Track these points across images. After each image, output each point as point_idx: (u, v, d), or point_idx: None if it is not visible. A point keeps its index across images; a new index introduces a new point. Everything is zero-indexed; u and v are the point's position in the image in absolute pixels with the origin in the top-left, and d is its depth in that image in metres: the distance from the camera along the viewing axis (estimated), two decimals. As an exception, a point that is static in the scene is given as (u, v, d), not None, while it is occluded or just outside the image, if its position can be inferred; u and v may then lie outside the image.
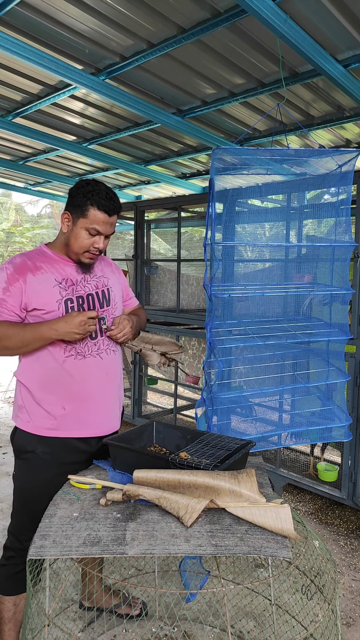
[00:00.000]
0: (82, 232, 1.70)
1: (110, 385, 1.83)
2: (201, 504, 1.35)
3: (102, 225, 1.70)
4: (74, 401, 1.73)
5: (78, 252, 1.73)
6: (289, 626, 2.04)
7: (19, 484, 1.80)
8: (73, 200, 1.72)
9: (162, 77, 2.58)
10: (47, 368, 1.71)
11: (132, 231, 5.02)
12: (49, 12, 2.05)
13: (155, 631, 2.09)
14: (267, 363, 2.67)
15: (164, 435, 1.93)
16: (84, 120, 3.28)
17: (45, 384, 1.71)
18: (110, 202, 1.70)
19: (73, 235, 1.71)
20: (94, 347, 1.76)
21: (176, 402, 4.31)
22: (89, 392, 1.75)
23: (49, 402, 1.72)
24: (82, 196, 1.69)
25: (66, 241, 1.75)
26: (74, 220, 1.71)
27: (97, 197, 1.67)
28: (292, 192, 3.15)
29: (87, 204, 1.68)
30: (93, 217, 1.68)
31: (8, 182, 5.33)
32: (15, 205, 17.17)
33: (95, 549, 1.25)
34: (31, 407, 1.73)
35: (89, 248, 1.73)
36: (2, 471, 3.89)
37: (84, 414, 1.76)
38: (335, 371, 2.55)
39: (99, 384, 1.78)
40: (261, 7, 1.75)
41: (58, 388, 1.71)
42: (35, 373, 1.72)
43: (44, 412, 1.72)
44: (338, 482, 3.18)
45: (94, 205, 1.67)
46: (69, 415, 1.73)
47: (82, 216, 1.69)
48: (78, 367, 1.73)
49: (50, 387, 1.71)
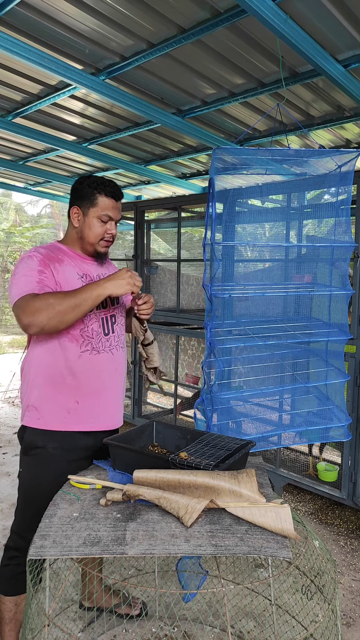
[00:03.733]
0: (95, 221, 1.78)
1: (119, 380, 1.89)
2: (201, 504, 1.35)
3: (112, 211, 1.79)
4: (87, 395, 1.77)
5: (94, 242, 1.81)
6: (289, 626, 2.04)
7: (25, 481, 1.81)
8: (79, 193, 1.80)
9: (162, 77, 2.58)
10: (62, 364, 1.74)
11: (132, 231, 5.02)
12: (49, 12, 2.05)
13: (155, 631, 2.09)
14: (267, 363, 2.67)
15: (164, 435, 1.93)
16: (84, 120, 3.28)
17: (59, 379, 1.74)
18: (115, 188, 1.81)
19: (86, 226, 1.79)
20: (106, 342, 1.81)
21: (176, 402, 4.31)
22: (102, 386, 1.80)
23: (62, 397, 1.74)
24: (89, 187, 1.78)
25: (80, 234, 1.81)
26: (85, 212, 1.79)
27: (102, 185, 1.78)
28: (292, 192, 3.15)
29: (95, 193, 1.77)
30: (103, 204, 1.77)
31: (8, 182, 5.33)
32: (15, 205, 17.16)
33: (95, 549, 1.25)
34: (41, 404, 1.75)
35: (104, 235, 1.81)
36: (2, 471, 3.89)
37: (96, 407, 1.80)
38: (335, 371, 2.55)
39: (111, 379, 1.84)
40: (261, 7, 1.75)
41: (72, 382, 1.75)
42: (48, 369, 1.74)
43: (56, 407, 1.74)
44: (338, 482, 3.18)
45: (101, 193, 1.77)
46: (81, 409, 1.76)
47: (92, 206, 1.77)
48: (93, 362, 1.77)
49: (64, 382, 1.74)
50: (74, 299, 1.60)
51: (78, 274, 1.77)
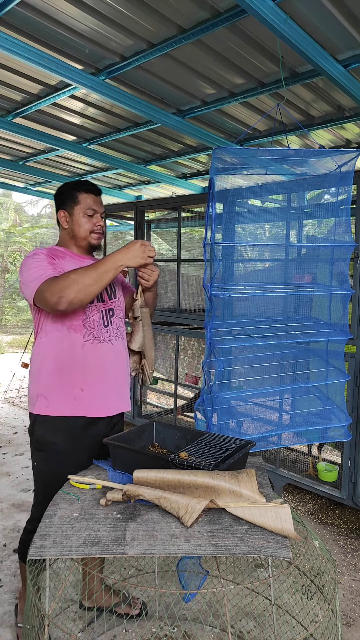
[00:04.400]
0: (82, 217, 1.91)
1: (121, 368, 1.97)
2: (201, 504, 1.35)
3: (95, 205, 1.92)
4: (91, 383, 1.85)
5: (86, 236, 1.92)
6: (289, 626, 2.04)
7: (41, 473, 1.91)
8: (62, 197, 1.94)
9: (162, 77, 2.58)
10: (67, 354, 1.83)
11: (132, 231, 5.02)
12: (49, 12, 2.05)
13: (155, 631, 2.09)
14: (267, 363, 2.67)
15: (164, 435, 1.93)
16: (84, 120, 3.28)
17: (65, 369, 1.83)
18: (93, 185, 1.95)
19: (75, 224, 1.91)
20: (106, 333, 1.91)
21: (176, 402, 4.31)
22: (105, 374, 1.89)
23: (68, 385, 1.83)
24: (69, 190, 1.93)
25: (71, 234, 1.93)
26: (70, 212, 1.92)
27: (81, 185, 1.92)
28: (292, 192, 3.15)
29: (76, 192, 1.91)
30: (85, 200, 1.91)
31: (8, 182, 5.33)
32: (15, 205, 17.16)
33: (95, 549, 1.25)
34: (49, 393, 1.84)
35: (93, 228, 1.93)
36: (2, 471, 3.90)
37: (100, 394, 1.88)
38: (335, 371, 2.55)
39: (113, 367, 1.92)
40: (261, 7, 1.75)
41: (76, 371, 1.83)
42: (55, 359, 1.83)
43: (63, 395, 1.83)
44: (338, 482, 3.18)
45: (81, 191, 1.91)
46: (86, 396, 1.85)
47: (76, 204, 1.90)
48: (95, 352, 1.86)
49: (69, 371, 1.83)
50: (95, 271, 1.69)
51: None
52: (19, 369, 7.37)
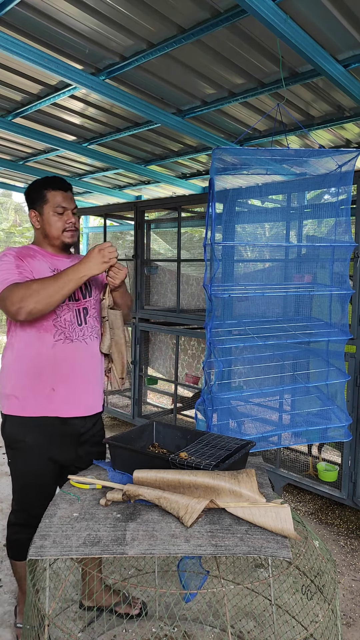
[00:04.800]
0: (52, 216, 1.87)
1: (95, 367, 1.95)
2: (201, 504, 1.35)
3: (64, 202, 1.87)
4: (63, 382, 1.84)
5: (59, 235, 1.89)
6: (289, 626, 2.04)
7: (17, 470, 1.91)
8: (31, 198, 1.90)
9: (162, 77, 2.58)
10: (37, 353, 1.81)
11: (132, 231, 5.02)
12: (49, 12, 2.05)
13: (155, 631, 2.09)
14: (267, 363, 2.67)
15: (164, 435, 1.93)
16: (84, 120, 3.28)
17: (36, 368, 1.81)
18: (61, 181, 1.90)
19: (46, 223, 1.88)
20: (80, 332, 1.89)
21: (176, 402, 4.31)
22: (77, 373, 1.87)
23: (39, 385, 1.82)
24: (37, 189, 1.88)
25: (44, 233, 1.90)
26: (41, 212, 1.88)
27: (48, 182, 1.88)
28: (292, 192, 3.15)
29: (44, 191, 1.87)
30: (54, 198, 1.86)
31: (8, 182, 5.33)
32: (15, 205, 17.14)
33: (95, 549, 1.25)
34: (20, 392, 1.83)
35: (65, 226, 1.89)
36: (2, 471, 3.89)
37: (72, 394, 1.86)
38: (335, 371, 2.55)
39: (85, 366, 1.90)
40: (261, 7, 1.75)
41: (47, 371, 1.82)
42: (24, 359, 1.82)
43: (34, 395, 1.82)
44: (338, 482, 3.18)
45: (49, 188, 1.86)
46: (58, 396, 1.83)
47: (45, 203, 1.86)
48: (67, 351, 1.84)
49: (40, 370, 1.81)
50: (56, 283, 1.68)
51: (50, 268, 1.84)
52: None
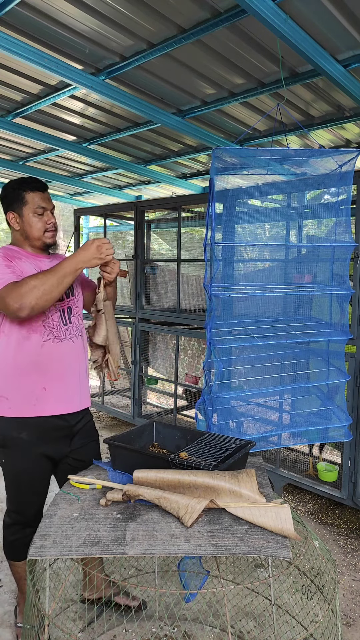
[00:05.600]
0: (32, 217, 1.87)
1: (82, 365, 1.99)
2: (201, 504, 1.35)
3: (43, 202, 1.88)
4: (53, 381, 1.86)
5: (40, 236, 1.89)
6: (289, 626, 2.04)
7: (10, 469, 1.91)
8: (8, 199, 1.90)
9: (162, 77, 2.58)
10: (26, 354, 1.82)
11: (132, 231, 5.02)
12: (49, 12, 2.05)
13: (155, 631, 2.09)
14: (267, 363, 2.67)
15: (164, 435, 1.93)
16: (84, 120, 3.28)
17: (26, 369, 1.82)
18: (38, 181, 1.91)
19: (26, 225, 1.88)
20: (66, 332, 1.92)
21: (176, 402, 4.31)
22: (66, 371, 1.90)
23: (30, 385, 1.83)
24: (14, 190, 1.88)
25: (24, 235, 1.90)
26: (20, 213, 1.88)
27: (25, 184, 1.88)
28: (292, 192, 3.15)
29: (22, 192, 1.86)
30: (32, 199, 1.87)
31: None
32: (15, 205, 17.15)
33: (95, 549, 1.25)
34: (10, 393, 1.83)
35: (45, 226, 1.90)
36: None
37: (62, 392, 1.89)
38: (335, 371, 2.55)
39: (73, 364, 1.93)
40: (261, 7, 1.75)
41: (38, 370, 1.83)
42: (14, 360, 1.82)
43: (24, 395, 1.82)
44: (338, 482, 3.18)
45: (27, 190, 1.87)
46: (48, 395, 1.85)
47: (24, 205, 1.86)
48: (56, 350, 1.87)
49: (31, 370, 1.82)
50: (54, 276, 1.69)
51: (35, 269, 1.85)
52: None
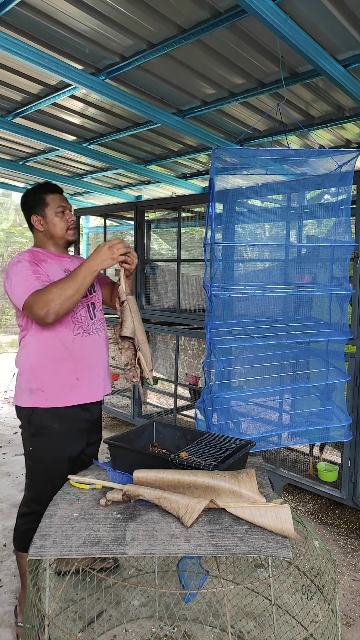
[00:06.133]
0: (54, 217, 2.03)
1: (106, 356, 2.17)
2: (201, 504, 1.35)
3: (63, 202, 2.06)
4: (85, 372, 2.02)
5: (63, 234, 2.05)
6: (289, 626, 2.04)
7: (38, 456, 2.01)
8: (29, 204, 2.05)
9: (162, 77, 2.58)
10: (60, 348, 1.96)
11: (132, 231, 5.03)
12: (49, 12, 2.05)
13: (155, 631, 2.09)
14: (267, 363, 2.67)
15: (164, 435, 1.93)
16: (84, 120, 3.28)
17: (60, 362, 1.96)
18: (54, 185, 2.09)
19: (50, 225, 2.03)
20: (93, 326, 2.07)
21: (176, 402, 4.31)
22: (95, 363, 2.06)
23: (65, 376, 1.97)
24: (35, 195, 2.04)
25: (48, 235, 2.05)
26: (43, 215, 2.04)
27: (43, 188, 2.05)
28: (292, 192, 3.15)
29: (43, 196, 2.03)
30: (52, 200, 2.03)
31: (8, 182, 5.33)
32: (15, 205, 17.11)
33: (95, 549, 1.25)
34: (46, 386, 1.95)
35: (67, 224, 2.06)
36: (2, 471, 3.89)
37: (92, 381, 2.05)
38: (335, 371, 2.55)
39: (100, 356, 2.10)
40: (261, 7, 1.75)
41: (71, 362, 1.97)
42: (48, 355, 1.95)
43: (60, 386, 1.97)
44: (338, 482, 3.18)
45: (47, 193, 2.04)
46: (82, 384, 2.01)
47: (46, 206, 2.03)
48: (86, 343, 2.02)
49: (65, 363, 1.96)
50: (74, 281, 1.81)
51: (61, 270, 1.99)
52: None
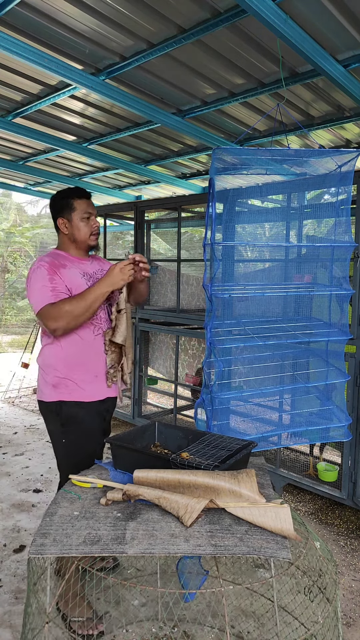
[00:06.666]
0: (80, 222, 2.11)
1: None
2: (201, 503, 1.35)
3: (90, 208, 2.13)
4: (103, 370, 2.13)
5: (85, 239, 2.14)
6: (289, 627, 2.04)
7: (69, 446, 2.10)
8: (58, 207, 2.13)
9: (162, 77, 2.58)
10: (81, 348, 2.07)
11: (132, 231, 5.03)
12: (49, 12, 2.05)
13: (155, 631, 2.09)
14: (267, 363, 2.67)
15: (166, 435, 1.93)
16: (84, 120, 3.28)
17: (81, 360, 2.07)
18: (83, 190, 2.16)
19: (75, 229, 2.12)
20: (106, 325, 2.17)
21: (176, 402, 4.31)
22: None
23: (85, 374, 2.08)
24: (63, 199, 2.12)
25: (72, 238, 2.14)
26: (69, 219, 2.11)
27: (73, 192, 2.13)
28: (292, 192, 3.15)
29: (71, 200, 2.11)
30: (80, 205, 2.11)
31: (8, 182, 5.33)
32: (15, 205, 17.12)
33: (95, 547, 1.25)
34: (69, 381, 2.07)
35: (91, 230, 2.13)
36: (2, 471, 3.90)
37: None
38: (335, 371, 2.55)
39: None
40: (261, 7, 1.75)
41: (91, 362, 2.09)
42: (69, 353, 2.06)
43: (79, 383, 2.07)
44: (338, 482, 3.18)
45: (75, 198, 2.11)
46: (99, 381, 2.12)
47: (73, 211, 2.11)
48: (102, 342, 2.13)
49: (85, 361, 2.08)
50: (84, 301, 1.93)
51: (80, 274, 2.08)
52: (19, 369, 7.36)
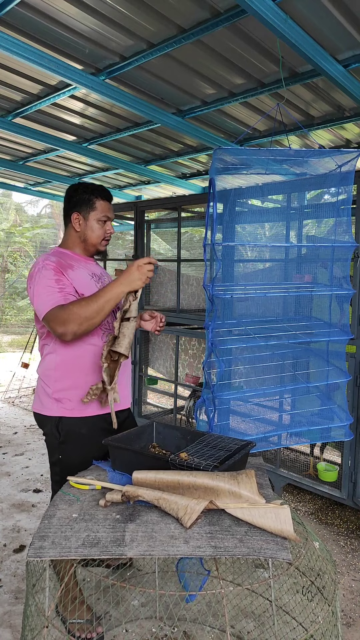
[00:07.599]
0: (95, 223, 1.96)
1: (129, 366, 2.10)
2: (200, 505, 1.35)
3: (109, 212, 1.98)
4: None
5: (97, 243, 1.99)
6: (289, 627, 2.04)
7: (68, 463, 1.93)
8: (77, 200, 1.95)
9: (162, 77, 2.57)
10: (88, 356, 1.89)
11: (132, 231, 5.02)
12: (49, 12, 2.05)
13: (155, 631, 2.09)
14: (268, 363, 2.67)
15: (164, 435, 1.93)
16: (84, 120, 3.27)
17: (87, 370, 1.90)
18: (107, 191, 2.01)
19: (89, 229, 1.96)
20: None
21: (176, 402, 4.31)
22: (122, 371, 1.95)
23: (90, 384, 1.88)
24: (85, 193, 1.94)
25: (82, 237, 1.97)
26: (85, 217, 1.95)
27: (97, 190, 1.96)
28: (292, 192, 3.14)
29: (93, 198, 1.94)
30: (100, 207, 1.95)
31: (8, 182, 5.33)
32: (15, 205, 17.12)
33: (95, 550, 1.25)
34: (72, 395, 1.89)
35: (105, 235, 1.99)
36: (2, 471, 3.90)
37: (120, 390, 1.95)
38: (335, 371, 2.55)
39: (126, 365, 2.03)
40: (261, 7, 1.75)
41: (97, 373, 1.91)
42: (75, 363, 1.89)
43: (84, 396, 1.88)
44: (338, 482, 3.18)
45: (98, 197, 1.95)
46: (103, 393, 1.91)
47: (92, 210, 1.94)
48: None
49: (92, 371, 1.91)
50: (96, 303, 1.73)
51: (89, 274, 1.93)
52: (19, 369, 7.37)
